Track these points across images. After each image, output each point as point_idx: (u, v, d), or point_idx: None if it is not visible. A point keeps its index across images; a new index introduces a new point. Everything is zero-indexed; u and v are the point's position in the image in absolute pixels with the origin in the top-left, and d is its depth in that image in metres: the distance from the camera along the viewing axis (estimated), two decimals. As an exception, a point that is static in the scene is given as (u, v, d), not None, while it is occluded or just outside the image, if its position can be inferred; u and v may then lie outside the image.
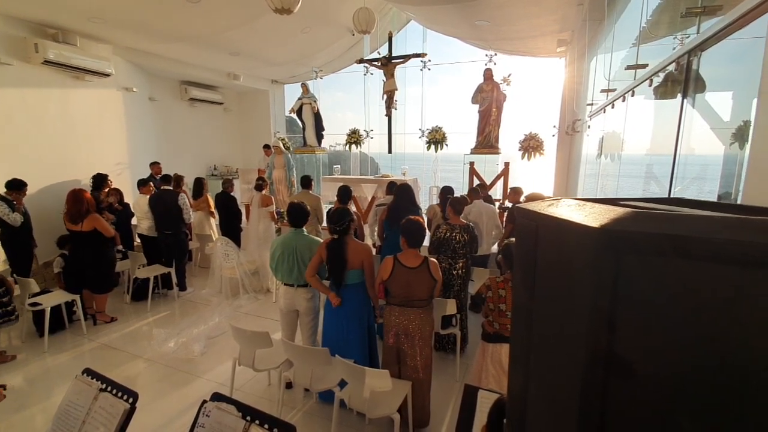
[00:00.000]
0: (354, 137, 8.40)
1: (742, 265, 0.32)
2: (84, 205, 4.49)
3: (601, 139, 5.26)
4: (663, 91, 2.97)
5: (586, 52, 5.91)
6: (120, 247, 5.60)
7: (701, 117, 2.55)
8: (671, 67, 2.54)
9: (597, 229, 0.37)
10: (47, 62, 5.45)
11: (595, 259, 0.37)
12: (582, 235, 0.39)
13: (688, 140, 2.60)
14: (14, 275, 4.71)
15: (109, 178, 6.03)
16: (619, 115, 4.11)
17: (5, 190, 4.79)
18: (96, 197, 5.23)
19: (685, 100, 2.43)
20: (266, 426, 1.55)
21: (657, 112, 3.61)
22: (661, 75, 2.81)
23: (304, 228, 3.47)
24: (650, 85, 2.92)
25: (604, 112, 4.60)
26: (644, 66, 3.20)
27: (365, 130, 8.52)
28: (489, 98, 6.74)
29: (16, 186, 4.83)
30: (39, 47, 5.35)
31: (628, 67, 3.51)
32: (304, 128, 8.43)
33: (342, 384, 2.86)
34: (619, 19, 4.40)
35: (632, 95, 3.41)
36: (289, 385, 3.52)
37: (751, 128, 1.59)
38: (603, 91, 4.59)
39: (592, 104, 5.55)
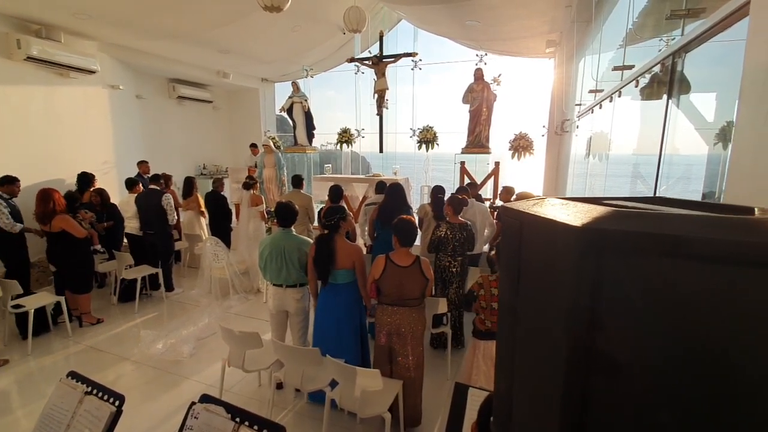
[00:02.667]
0: (345, 136, 8.37)
1: (716, 262, 0.33)
2: (50, 205, 4.37)
3: (589, 139, 5.32)
4: (649, 92, 3.01)
5: (575, 53, 5.97)
6: (98, 247, 5.48)
7: (686, 118, 2.60)
8: (657, 69, 2.58)
9: (578, 228, 0.37)
10: (30, 59, 5.33)
11: (577, 257, 0.38)
12: (564, 234, 0.39)
13: (672, 140, 2.65)
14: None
15: (95, 177, 5.92)
16: (606, 116, 4.16)
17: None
18: (75, 196, 5.12)
19: (670, 101, 2.47)
20: (256, 427, 1.54)
21: (643, 113, 3.66)
22: (647, 76, 2.86)
23: (293, 228, 3.45)
24: (636, 86, 2.96)
25: (592, 112, 4.66)
26: (630, 67, 3.25)
27: (356, 129, 8.50)
28: (479, 98, 6.77)
29: (9, 181, 4.73)
30: (21, 43, 5.23)
31: (615, 68, 3.56)
32: (294, 127, 8.38)
33: (333, 384, 2.85)
34: (606, 21, 4.46)
35: (619, 96, 3.46)
36: (279, 386, 3.50)
37: (734, 129, 1.63)
38: (591, 91, 4.64)
39: (580, 104, 5.62)
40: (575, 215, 0.39)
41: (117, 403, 1.73)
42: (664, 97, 2.59)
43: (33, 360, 4.10)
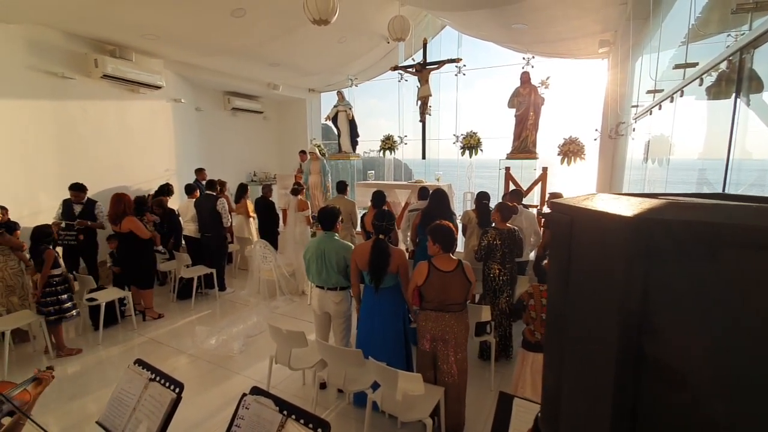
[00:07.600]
0: (388, 143, 8.47)
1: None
2: (121, 207, 4.79)
3: (647, 142, 5.02)
4: (716, 91, 2.80)
5: (631, 52, 5.67)
6: (160, 248, 5.88)
7: (758, 118, 2.39)
8: (723, 66, 2.40)
9: (629, 218, 0.37)
10: (106, 76, 5.88)
11: (628, 248, 0.37)
12: (614, 225, 0.39)
13: (743, 143, 2.44)
14: (74, 272, 5.09)
15: (169, 188, 6.47)
16: (666, 117, 3.91)
17: (69, 191, 5.23)
18: (144, 201, 5.57)
19: (738, 100, 2.29)
20: (302, 421, 1.59)
21: (709, 113, 3.41)
22: (713, 74, 2.66)
23: (336, 233, 3.52)
24: (701, 85, 2.76)
25: (651, 113, 4.39)
26: (694, 65, 3.04)
27: (399, 136, 8.57)
28: (526, 102, 6.60)
29: (78, 188, 5.27)
30: (99, 62, 5.78)
31: (677, 66, 3.35)
32: (339, 135, 8.60)
33: (375, 386, 2.88)
34: (665, 18, 4.21)
35: (681, 95, 3.24)
36: (323, 386, 3.58)
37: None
38: (649, 92, 4.39)
39: (637, 106, 5.31)
40: (627, 207, 0.39)
41: (177, 390, 1.86)
42: (732, 96, 2.40)
43: (103, 349, 4.48)
